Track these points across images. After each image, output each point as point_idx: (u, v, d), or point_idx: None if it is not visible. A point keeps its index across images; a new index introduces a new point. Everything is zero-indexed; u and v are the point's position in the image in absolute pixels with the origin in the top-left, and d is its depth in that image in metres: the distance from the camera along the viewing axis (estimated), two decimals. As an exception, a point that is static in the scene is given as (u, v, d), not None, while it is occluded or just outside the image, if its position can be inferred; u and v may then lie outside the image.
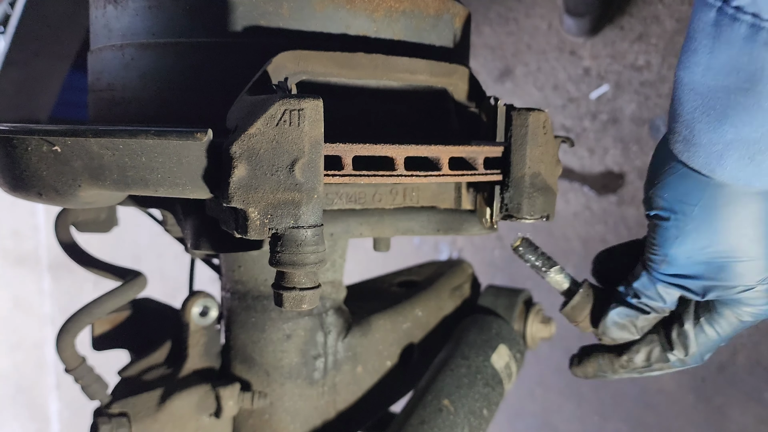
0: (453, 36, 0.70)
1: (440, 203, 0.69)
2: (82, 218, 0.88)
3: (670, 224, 0.55)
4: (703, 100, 0.47)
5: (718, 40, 0.44)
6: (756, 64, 0.43)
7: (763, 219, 0.53)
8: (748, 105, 0.45)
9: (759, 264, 0.54)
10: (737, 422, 1.35)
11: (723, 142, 0.48)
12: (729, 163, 0.49)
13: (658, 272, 0.58)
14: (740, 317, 0.59)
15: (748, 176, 0.49)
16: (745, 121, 0.46)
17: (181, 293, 0.81)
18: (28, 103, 1.12)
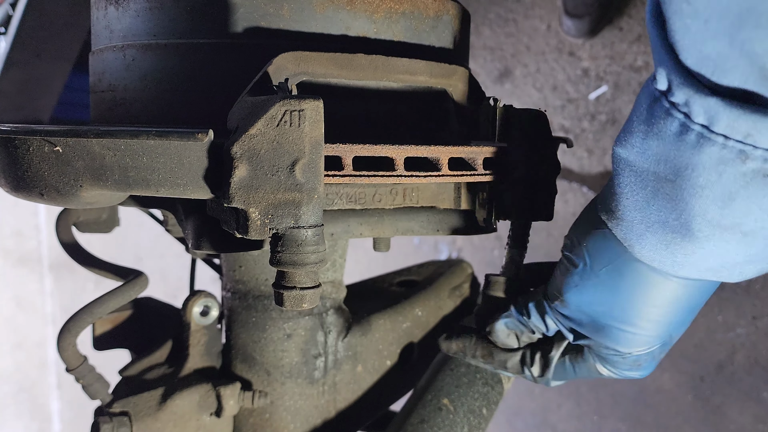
0: (452, 37, 0.71)
1: (440, 203, 0.70)
2: (83, 218, 0.89)
3: (576, 272, 0.57)
4: (635, 180, 0.48)
5: (651, 129, 0.45)
6: (682, 162, 0.43)
7: (660, 303, 0.54)
8: (672, 195, 0.46)
9: (635, 338, 0.56)
10: (735, 421, 1.35)
11: (645, 224, 0.49)
12: (647, 245, 0.50)
13: (550, 306, 0.61)
14: (600, 371, 0.62)
15: (662, 262, 0.50)
16: (668, 209, 0.47)
17: (182, 293, 0.81)
18: (29, 104, 1.12)
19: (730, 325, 1.32)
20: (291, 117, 0.48)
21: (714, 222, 0.45)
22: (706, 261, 0.48)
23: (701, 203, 0.44)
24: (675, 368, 1.41)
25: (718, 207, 0.44)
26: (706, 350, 1.36)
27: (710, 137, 0.41)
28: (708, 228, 0.45)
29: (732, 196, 0.43)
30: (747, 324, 1.30)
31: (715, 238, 0.46)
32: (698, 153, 0.42)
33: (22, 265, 3.26)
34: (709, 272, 0.50)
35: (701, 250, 0.47)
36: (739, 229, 0.45)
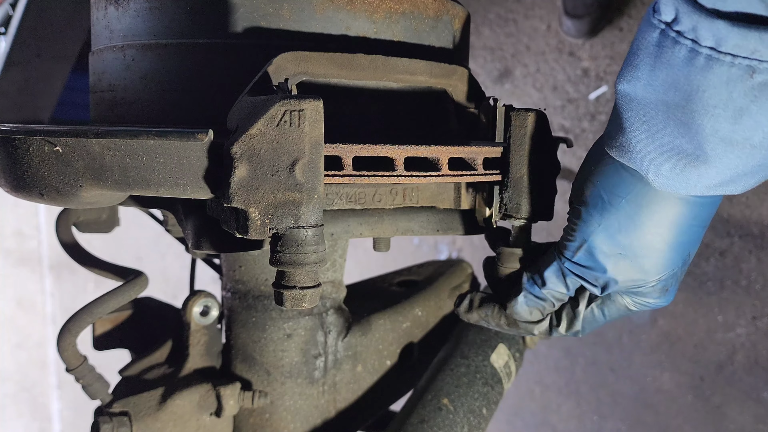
0: (452, 37, 0.71)
1: (440, 203, 0.70)
2: (83, 218, 0.89)
3: (596, 211, 0.58)
4: (643, 111, 0.51)
5: (659, 60, 0.48)
6: (692, 85, 0.46)
7: (678, 223, 0.56)
8: (683, 120, 0.48)
9: (661, 262, 0.58)
10: (735, 421, 1.35)
11: (659, 152, 0.52)
12: (661, 172, 0.52)
13: (570, 261, 0.61)
14: (629, 306, 0.64)
15: (676, 185, 0.53)
16: (680, 134, 0.49)
17: (182, 293, 0.81)
18: (29, 104, 1.12)
19: (730, 325, 1.32)
20: (291, 117, 0.48)
21: (726, 139, 0.47)
22: (717, 178, 0.51)
23: (713, 122, 0.47)
24: (675, 368, 1.41)
25: (730, 124, 0.47)
26: (706, 350, 1.36)
27: (719, 57, 0.44)
28: (721, 146, 0.48)
29: (742, 111, 0.46)
30: (747, 324, 1.30)
31: (726, 154, 0.49)
32: (708, 74, 0.45)
33: (23, 265, 3.26)
34: (719, 188, 0.52)
35: (714, 169, 0.50)
36: (748, 143, 0.48)
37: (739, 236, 1.29)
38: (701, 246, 1.33)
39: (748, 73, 0.44)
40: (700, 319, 1.36)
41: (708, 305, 1.35)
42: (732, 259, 1.30)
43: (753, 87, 0.45)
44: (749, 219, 1.27)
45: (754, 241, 1.27)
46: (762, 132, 0.47)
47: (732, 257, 1.30)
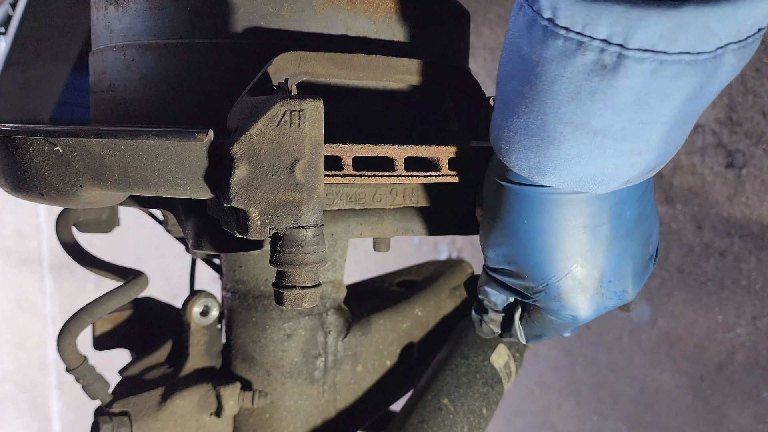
0: (452, 37, 0.71)
1: (440, 203, 0.70)
2: (83, 218, 0.89)
3: (484, 223, 0.59)
4: (502, 86, 0.50)
5: (514, 30, 0.46)
6: (535, 58, 0.44)
7: (547, 225, 0.55)
8: (529, 96, 0.47)
9: (540, 269, 0.57)
10: (735, 421, 1.35)
11: (513, 129, 0.50)
12: (516, 151, 0.51)
13: (487, 268, 0.62)
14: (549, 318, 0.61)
15: (532, 168, 0.51)
16: (526, 111, 0.48)
17: (182, 293, 0.81)
18: (29, 104, 1.12)
19: (730, 325, 1.32)
20: (291, 117, 0.48)
21: (566, 119, 0.46)
22: (566, 166, 0.49)
23: (552, 99, 0.45)
24: (675, 368, 1.41)
25: (567, 102, 0.45)
26: (706, 350, 1.36)
27: (554, 30, 0.42)
28: (561, 125, 0.46)
29: (577, 90, 0.44)
30: (747, 324, 1.30)
31: (569, 137, 0.47)
32: (546, 47, 0.43)
33: (23, 265, 3.26)
34: (577, 183, 0.50)
35: (560, 152, 0.48)
36: (589, 126, 0.45)
37: (739, 236, 1.29)
38: (701, 246, 1.33)
39: (581, 50, 0.42)
40: (700, 319, 1.36)
41: (708, 305, 1.35)
42: (732, 259, 1.30)
43: (585, 64, 0.42)
44: (749, 219, 1.27)
45: (754, 241, 1.27)
46: (600, 117, 0.44)
47: (732, 257, 1.30)
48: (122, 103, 0.64)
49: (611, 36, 0.40)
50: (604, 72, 0.42)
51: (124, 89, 0.64)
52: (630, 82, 0.42)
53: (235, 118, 0.52)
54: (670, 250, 1.38)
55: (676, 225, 1.36)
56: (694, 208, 1.34)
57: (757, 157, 1.25)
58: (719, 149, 1.29)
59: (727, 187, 1.29)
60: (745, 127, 1.26)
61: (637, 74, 0.42)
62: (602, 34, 0.40)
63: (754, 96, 1.24)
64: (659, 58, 0.40)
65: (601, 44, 0.41)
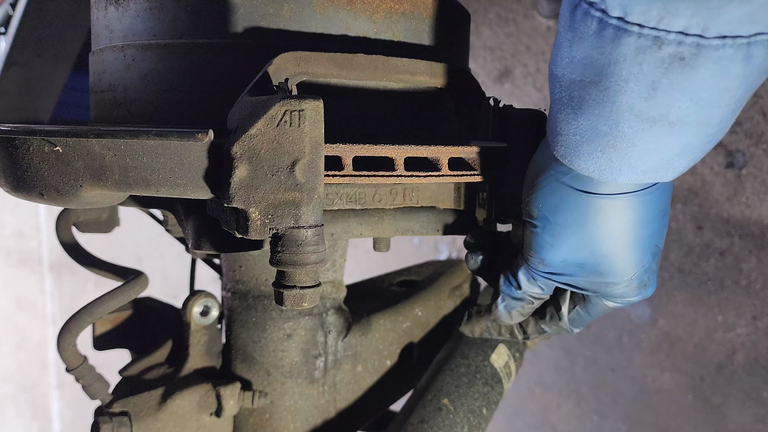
0: (452, 37, 0.71)
1: (440, 203, 0.70)
2: (83, 218, 0.89)
3: (545, 232, 0.58)
4: (564, 92, 0.49)
5: (575, 35, 0.45)
6: (604, 60, 0.44)
7: (628, 225, 0.55)
8: (599, 99, 0.47)
9: (625, 264, 0.58)
10: (735, 421, 1.35)
11: (579, 133, 0.50)
12: (584, 154, 0.51)
13: (536, 270, 0.61)
14: (609, 305, 0.63)
15: (601, 169, 0.51)
16: (596, 114, 0.48)
17: (182, 293, 0.81)
18: (29, 104, 1.12)
19: (730, 325, 1.32)
20: (291, 117, 0.48)
21: (641, 115, 0.46)
22: (641, 160, 0.49)
23: (627, 98, 0.45)
24: (675, 368, 1.41)
25: (643, 99, 0.45)
26: (706, 350, 1.36)
27: (626, 28, 0.42)
28: (637, 122, 0.46)
29: (654, 85, 0.44)
30: (747, 324, 1.30)
31: (644, 132, 0.47)
32: (618, 46, 0.43)
33: (23, 265, 3.26)
34: (647, 174, 0.51)
35: (633, 148, 0.48)
36: (666, 120, 0.46)
37: (739, 236, 1.29)
38: (701, 246, 1.33)
39: (657, 44, 0.42)
40: (700, 319, 1.36)
41: (708, 305, 1.35)
42: (732, 259, 1.30)
43: (662, 59, 0.42)
44: (749, 219, 1.27)
45: (754, 241, 1.27)
46: (678, 108, 0.45)
47: (732, 257, 1.30)
48: (122, 103, 0.64)
49: (688, 27, 0.41)
50: (683, 64, 0.42)
51: (124, 89, 0.64)
52: (710, 71, 0.42)
53: (235, 118, 0.52)
54: (670, 250, 1.38)
55: (676, 225, 1.36)
56: (694, 208, 1.34)
57: (757, 157, 1.25)
58: (719, 149, 1.29)
59: (727, 187, 1.29)
60: (745, 127, 1.26)
61: (716, 62, 0.42)
62: (679, 26, 0.41)
63: (754, 96, 1.24)
64: (737, 42, 0.41)
65: (677, 36, 0.41)
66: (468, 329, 0.74)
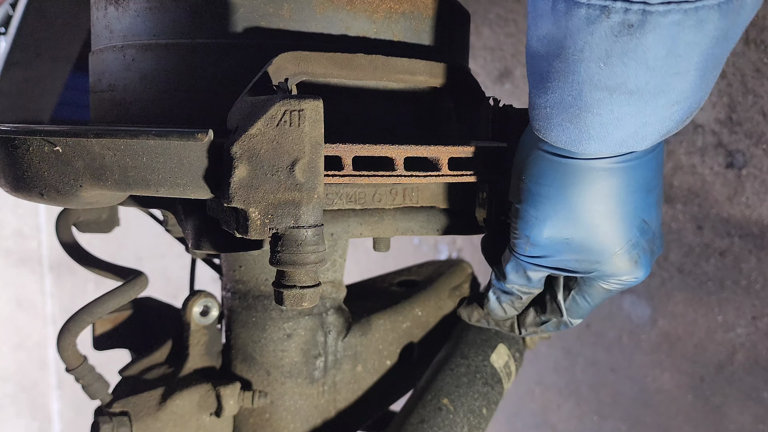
0: (452, 37, 0.71)
1: (440, 203, 0.70)
2: (83, 218, 0.89)
3: (529, 206, 0.58)
4: (535, 67, 0.51)
5: (535, 12, 0.48)
6: (560, 32, 0.46)
7: (608, 194, 0.55)
8: (561, 70, 0.48)
9: (609, 238, 0.57)
10: (735, 421, 1.35)
11: (549, 105, 0.51)
12: (555, 126, 0.52)
13: (523, 255, 0.61)
14: (606, 287, 0.62)
15: (572, 140, 0.52)
16: (561, 86, 0.49)
17: (182, 293, 0.81)
18: (29, 104, 1.12)
19: (730, 325, 1.32)
20: (291, 117, 0.48)
21: (601, 84, 0.47)
22: (607, 130, 0.50)
23: (585, 67, 0.47)
24: (675, 368, 1.41)
25: (600, 68, 0.46)
26: (706, 350, 1.36)
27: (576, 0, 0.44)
28: (597, 91, 0.47)
29: (608, 53, 0.45)
30: (747, 324, 1.30)
31: (606, 101, 0.48)
32: (570, 18, 0.45)
33: (23, 265, 3.26)
34: (618, 144, 0.51)
35: (599, 117, 0.49)
36: (624, 88, 0.47)
37: (739, 236, 1.29)
38: (701, 246, 1.33)
39: (605, 13, 0.43)
40: (700, 319, 1.36)
41: (708, 305, 1.35)
42: (732, 259, 1.30)
43: (612, 27, 0.43)
44: (749, 219, 1.27)
45: (754, 241, 1.27)
46: (634, 76, 0.46)
47: (732, 257, 1.30)
48: (122, 103, 0.64)
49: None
50: (631, 31, 0.43)
51: (124, 89, 0.64)
52: (658, 37, 0.43)
53: (235, 118, 0.52)
54: (670, 250, 1.38)
55: (676, 225, 1.36)
56: (694, 208, 1.34)
57: (757, 157, 1.25)
58: (719, 149, 1.29)
59: (727, 187, 1.29)
60: (745, 127, 1.26)
61: (663, 28, 0.43)
62: None
63: (754, 96, 1.24)
64: (682, 7, 0.42)
65: (624, 4, 0.42)
66: (465, 313, 0.74)
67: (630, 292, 1.46)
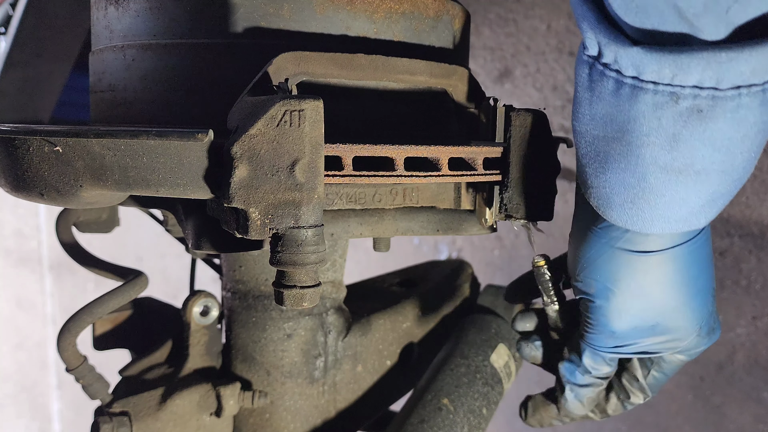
0: (452, 37, 0.71)
1: (440, 203, 0.70)
2: (83, 218, 0.89)
3: (609, 303, 0.58)
4: (590, 147, 0.51)
5: (593, 94, 0.47)
6: (623, 116, 0.46)
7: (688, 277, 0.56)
8: (623, 153, 0.48)
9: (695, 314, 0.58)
10: (735, 421, 1.35)
11: (608, 186, 0.51)
12: (616, 206, 0.52)
13: (603, 347, 0.61)
14: (681, 358, 0.63)
15: (634, 220, 0.52)
16: (622, 168, 0.49)
17: (182, 293, 0.81)
18: (29, 104, 1.12)
19: (730, 325, 1.32)
20: (291, 117, 0.48)
21: (666, 167, 0.47)
22: (671, 210, 0.50)
23: (650, 151, 0.47)
24: (675, 368, 1.42)
25: (666, 151, 0.46)
26: (706, 350, 1.36)
27: (642, 86, 0.44)
28: (662, 174, 0.48)
29: (676, 137, 0.45)
30: (747, 324, 1.30)
31: (671, 183, 0.48)
32: (635, 104, 0.45)
33: (22, 265, 3.26)
34: (679, 223, 0.51)
35: (663, 198, 0.49)
36: (691, 170, 0.47)
37: (739, 236, 1.29)
38: (701, 246, 1.33)
39: (673, 99, 0.43)
40: (700, 319, 1.36)
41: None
42: (732, 259, 1.30)
43: (681, 113, 0.44)
44: (749, 219, 1.27)
45: (754, 241, 1.27)
46: (701, 158, 0.46)
47: (732, 257, 1.30)
48: (122, 103, 0.64)
49: (702, 81, 0.42)
50: (701, 116, 0.43)
51: (124, 89, 0.64)
52: (728, 120, 0.43)
53: (235, 118, 0.52)
54: (670, 250, 1.38)
55: (676, 225, 1.36)
56: (694, 208, 1.34)
57: (757, 157, 1.25)
58: (719, 149, 1.29)
59: (727, 187, 1.29)
60: (745, 127, 1.26)
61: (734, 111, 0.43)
62: (693, 81, 0.42)
63: (754, 96, 1.24)
64: (752, 90, 0.42)
65: (693, 90, 0.42)
66: (535, 421, 0.72)
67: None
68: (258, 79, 0.54)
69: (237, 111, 0.52)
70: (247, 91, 0.53)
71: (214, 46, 0.59)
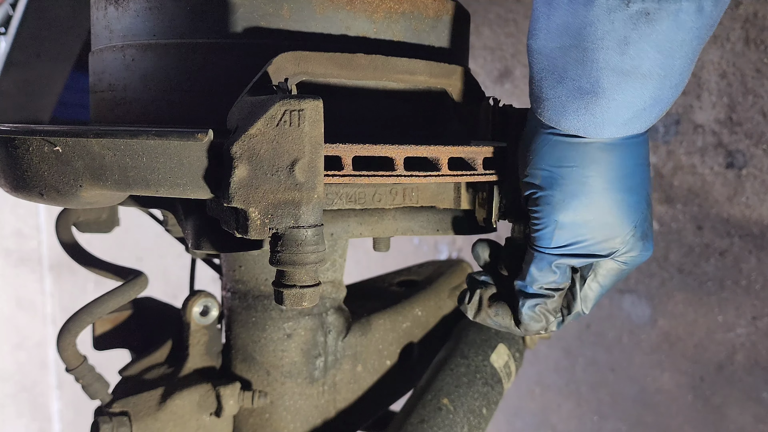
0: (452, 37, 0.71)
1: (440, 203, 0.70)
2: (83, 218, 0.89)
3: (554, 191, 0.59)
4: (547, 60, 0.54)
5: (550, 6, 0.52)
6: (580, 22, 0.50)
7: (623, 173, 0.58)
8: (579, 59, 0.52)
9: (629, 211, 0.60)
10: (735, 421, 1.35)
11: (564, 95, 0.54)
12: (570, 113, 0.55)
13: (549, 248, 0.61)
14: (620, 266, 0.63)
15: (587, 126, 0.55)
16: (578, 74, 0.53)
17: (182, 293, 0.81)
18: (29, 104, 1.12)
19: (730, 325, 1.32)
20: (291, 117, 0.48)
21: (617, 69, 0.51)
22: (619, 114, 0.54)
23: (603, 54, 0.51)
24: (675, 368, 1.41)
25: (618, 53, 0.50)
26: (706, 350, 1.36)
27: None
28: (614, 76, 0.51)
29: (626, 40, 0.49)
30: (747, 324, 1.30)
31: (621, 85, 0.52)
32: (591, 8, 0.49)
33: (22, 265, 3.25)
34: (625, 126, 0.55)
35: (613, 102, 0.53)
36: (638, 72, 0.51)
37: (739, 236, 1.29)
38: (701, 246, 1.33)
39: (625, 2, 0.48)
40: (700, 319, 1.36)
41: (708, 305, 1.35)
42: (732, 259, 1.30)
43: (631, 15, 0.48)
44: (749, 219, 1.27)
45: (754, 241, 1.27)
46: (648, 60, 0.50)
47: (732, 257, 1.30)
48: (122, 103, 0.64)
49: None
50: (648, 18, 0.48)
51: (124, 89, 0.64)
52: (671, 23, 0.48)
53: (235, 118, 0.52)
54: (670, 250, 1.38)
55: (676, 225, 1.37)
56: (694, 208, 1.34)
57: (757, 157, 1.25)
58: (719, 149, 1.29)
59: (727, 187, 1.29)
60: (745, 127, 1.26)
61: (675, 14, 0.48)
62: None
63: (754, 96, 1.24)
64: None
65: None
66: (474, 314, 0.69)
67: (630, 292, 1.46)
68: (258, 78, 0.54)
69: (237, 111, 0.52)
70: (247, 90, 0.53)
71: (214, 46, 0.59)
